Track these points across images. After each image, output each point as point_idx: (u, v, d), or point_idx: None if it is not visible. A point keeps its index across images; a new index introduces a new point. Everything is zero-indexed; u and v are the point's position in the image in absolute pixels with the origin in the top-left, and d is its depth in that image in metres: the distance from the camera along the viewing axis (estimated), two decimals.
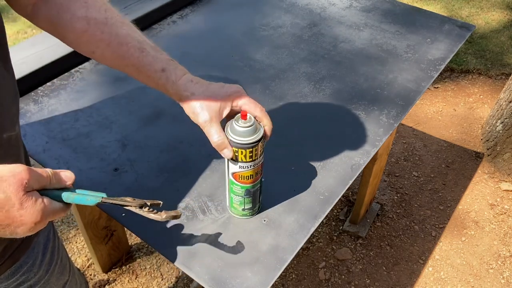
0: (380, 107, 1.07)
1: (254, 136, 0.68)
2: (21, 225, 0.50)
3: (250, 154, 0.70)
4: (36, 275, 0.79)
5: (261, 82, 1.13)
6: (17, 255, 0.73)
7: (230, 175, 0.74)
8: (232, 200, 0.79)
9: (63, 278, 0.89)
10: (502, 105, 2.13)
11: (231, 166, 0.73)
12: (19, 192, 0.49)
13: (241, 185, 0.75)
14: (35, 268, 0.78)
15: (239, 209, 0.80)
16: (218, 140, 0.68)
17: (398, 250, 1.81)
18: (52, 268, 0.83)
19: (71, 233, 1.83)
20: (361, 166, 0.92)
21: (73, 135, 0.97)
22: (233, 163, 0.72)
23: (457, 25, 1.36)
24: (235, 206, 0.80)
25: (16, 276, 0.74)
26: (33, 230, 0.52)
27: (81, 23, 0.69)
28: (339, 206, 1.97)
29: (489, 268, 1.75)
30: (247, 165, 0.71)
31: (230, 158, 0.70)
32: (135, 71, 0.71)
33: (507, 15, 3.22)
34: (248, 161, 0.71)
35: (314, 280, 1.70)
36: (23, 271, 0.75)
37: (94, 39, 0.70)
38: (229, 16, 1.37)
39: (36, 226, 0.51)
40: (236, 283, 0.72)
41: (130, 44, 0.70)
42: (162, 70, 0.69)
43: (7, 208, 0.49)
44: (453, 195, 2.02)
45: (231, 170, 0.73)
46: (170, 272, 1.70)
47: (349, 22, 1.36)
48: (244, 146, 0.69)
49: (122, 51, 0.70)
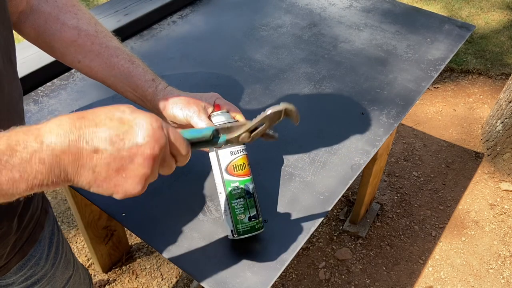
0: (380, 107, 1.07)
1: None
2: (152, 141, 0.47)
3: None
4: (42, 269, 0.80)
5: (261, 82, 1.13)
6: (26, 248, 0.74)
7: (224, 173, 0.74)
8: (235, 211, 0.74)
9: (67, 272, 0.90)
10: (502, 105, 2.13)
11: (223, 160, 0.74)
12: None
13: (239, 179, 0.74)
14: (42, 262, 0.79)
15: (245, 220, 0.74)
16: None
17: (398, 250, 1.81)
18: (58, 262, 0.85)
19: (71, 233, 1.83)
20: (361, 166, 0.92)
21: None
22: (224, 153, 0.74)
23: (457, 25, 1.36)
24: (239, 219, 0.74)
25: (24, 270, 0.76)
26: (152, 160, 0.48)
27: (71, 33, 0.72)
28: (339, 206, 1.97)
29: (489, 268, 1.75)
30: (236, 149, 0.74)
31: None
32: (122, 80, 0.75)
33: (507, 15, 3.21)
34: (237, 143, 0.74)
35: (314, 280, 1.70)
36: (31, 265, 0.77)
37: (83, 49, 0.73)
38: (229, 16, 1.37)
39: (160, 151, 0.48)
40: (236, 283, 0.72)
41: (120, 56, 0.74)
42: (152, 80, 0.76)
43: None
44: (453, 195, 2.02)
45: (224, 165, 0.74)
46: (170, 272, 1.70)
47: (349, 22, 1.36)
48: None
49: (112, 62, 0.74)
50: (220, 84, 1.12)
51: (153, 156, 0.47)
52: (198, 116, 0.72)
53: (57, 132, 0.43)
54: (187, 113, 0.73)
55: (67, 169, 0.44)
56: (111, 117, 0.46)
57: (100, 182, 0.46)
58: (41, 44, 0.73)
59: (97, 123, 0.45)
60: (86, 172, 0.45)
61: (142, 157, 0.46)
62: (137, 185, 0.48)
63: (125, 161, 0.46)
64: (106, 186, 0.47)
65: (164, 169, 0.52)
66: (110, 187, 0.47)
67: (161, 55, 1.20)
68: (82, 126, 0.44)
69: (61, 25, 0.71)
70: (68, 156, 0.43)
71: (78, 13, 0.73)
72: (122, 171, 0.46)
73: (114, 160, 0.45)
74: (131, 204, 0.84)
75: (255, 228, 0.74)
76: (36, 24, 0.71)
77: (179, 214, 0.83)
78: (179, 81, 1.12)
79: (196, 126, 0.73)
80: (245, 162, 0.75)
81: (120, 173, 0.46)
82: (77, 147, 0.44)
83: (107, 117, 0.46)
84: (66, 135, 0.43)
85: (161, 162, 0.50)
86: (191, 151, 0.55)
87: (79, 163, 0.44)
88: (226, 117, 0.75)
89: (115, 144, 0.45)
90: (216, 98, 0.78)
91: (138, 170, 0.47)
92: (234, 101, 1.08)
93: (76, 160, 0.44)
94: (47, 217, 0.81)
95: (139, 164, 0.47)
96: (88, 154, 0.44)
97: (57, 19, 0.71)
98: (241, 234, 0.74)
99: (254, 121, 0.59)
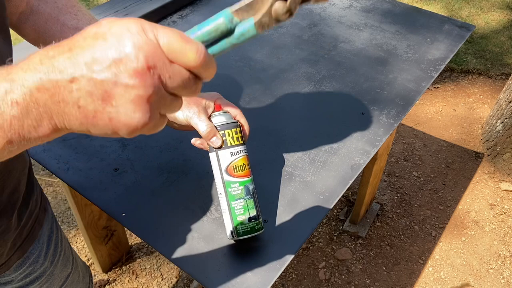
0: (380, 107, 1.07)
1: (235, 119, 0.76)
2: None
3: (236, 136, 0.74)
4: (41, 267, 0.81)
5: (261, 82, 1.13)
6: (26, 246, 0.75)
7: (224, 174, 0.74)
8: (234, 212, 0.73)
9: (66, 270, 0.90)
10: (502, 105, 2.13)
11: (223, 161, 0.74)
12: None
13: (239, 180, 0.74)
14: (41, 259, 0.80)
15: (245, 221, 0.73)
16: (207, 128, 0.72)
17: (398, 250, 1.81)
18: (56, 259, 0.85)
19: (71, 233, 1.83)
20: (361, 166, 0.92)
21: (73, 135, 0.97)
22: (224, 154, 0.73)
23: (457, 25, 1.36)
24: (239, 220, 0.74)
25: (23, 267, 0.76)
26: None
27: (71, 34, 0.71)
28: (339, 206, 1.97)
29: (489, 268, 1.75)
30: (237, 150, 0.74)
31: (219, 146, 0.73)
32: None
33: (507, 15, 3.21)
34: (237, 144, 0.74)
35: (314, 280, 1.70)
36: (30, 262, 0.77)
37: None
38: None
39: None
40: (236, 283, 0.72)
41: None
42: None
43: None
44: (453, 195, 2.02)
45: (224, 166, 0.74)
46: (170, 272, 1.70)
47: (349, 22, 1.36)
48: (230, 126, 0.74)
49: None
50: (220, 84, 1.12)
51: (140, 69, 0.36)
52: (198, 117, 0.72)
53: (27, 66, 0.36)
54: (187, 114, 0.73)
55: (51, 108, 0.37)
56: (86, 36, 0.37)
57: (92, 118, 0.37)
58: (41, 45, 0.73)
59: (70, 47, 0.37)
60: (72, 109, 0.37)
61: (126, 74, 0.36)
62: (134, 113, 0.37)
63: (108, 85, 0.36)
64: (102, 123, 0.38)
65: (178, 88, 0.38)
66: (106, 123, 0.38)
67: None
68: (56, 54, 0.37)
69: (61, 26, 0.71)
70: (43, 92, 0.36)
71: (78, 13, 0.73)
72: (109, 98, 0.36)
73: (95, 86, 0.36)
74: (131, 204, 0.84)
75: (255, 229, 0.74)
76: (36, 25, 0.70)
77: (179, 214, 0.83)
78: None
79: (196, 126, 0.73)
80: (245, 163, 0.75)
81: (107, 101, 0.36)
82: (50, 79, 0.36)
83: (82, 37, 0.37)
84: (36, 68, 0.36)
85: (166, 79, 0.37)
86: (211, 56, 0.39)
87: (59, 98, 0.36)
88: (226, 117, 0.75)
89: (91, 66, 0.36)
90: (217, 98, 0.77)
91: (128, 92, 0.36)
92: (234, 101, 1.08)
93: (53, 95, 0.36)
94: (46, 215, 0.81)
95: (126, 84, 0.36)
96: (65, 85, 0.36)
97: (57, 20, 0.71)
98: (241, 235, 0.74)
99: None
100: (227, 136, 0.73)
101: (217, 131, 0.73)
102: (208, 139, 0.73)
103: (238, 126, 0.76)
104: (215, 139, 0.73)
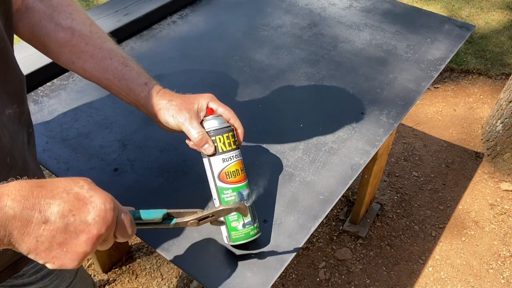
0: (380, 107, 1.07)
1: (228, 123, 0.74)
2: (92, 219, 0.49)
3: (228, 141, 0.72)
4: None
5: (261, 82, 1.13)
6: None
7: (217, 180, 0.73)
8: (228, 218, 0.73)
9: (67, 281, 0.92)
10: (502, 105, 2.13)
11: (215, 167, 0.72)
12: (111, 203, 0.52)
13: (232, 187, 0.72)
14: None
15: (239, 226, 0.73)
16: (199, 135, 0.71)
17: (398, 250, 1.81)
18: None
19: None
20: (361, 166, 0.92)
21: (73, 135, 0.97)
22: (216, 160, 0.72)
23: (457, 25, 1.36)
24: (233, 226, 0.73)
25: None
26: (94, 241, 0.50)
27: (65, 33, 0.71)
28: (339, 206, 1.97)
29: (489, 268, 1.75)
30: (229, 155, 0.72)
31: (212, 153, 0.72)
32: (116, 83, 0.74)
33: (507, 15, 3.22)
34: (229, 150, 0.72)
35: (314, 280, 1.70)
36: None
37: (77, 50, 0.72)
38: (229, 16, 1.37)
39: (105, 232, 0.50)
40: (236, 283, 0.72)
41: (114, 58, 0.74)
42: (145, 84, 0.74)
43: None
44: (453, 195, 2.02)
45: (216, 172, 0.72)
46: (170, 272, 1.70)
47: (349, 22, 1.36)
48: (222, 131, 0.72)
49: (106, 64, 0.73)
50: (220, 84, 1.12)
51: (97, 236, 0.49)
52: (190, 123, 0.71)
53: (14, 196, 0.44)
54: (178, 120, 0.72)
55: (13, 233, 0.45)
56: (69, 191, 0.48)
57: (40, 251, 0.47)
58: (35, 43, 0.73)
59: (54, 194, 0.47)
60: (30, 240, 0.46)
61: (87, 236, 0.48)
62: (74, 261, 0.49)
63: (70, 236, 0.47)
64: (45, 256, 0.47)
65: (102, 246, 0.53)
66: (48, 258, 0.48)
67: (161, 55, 1.20)
68: (40, 195, 0.46)
69: (55, 25, 0.70)
70: (17, 221, 0.44)
71: (73, 12, 0.72)
72: (64, 245, 0.47)
73: (60, 233, 0.47)
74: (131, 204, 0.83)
75: (250, 235, 0.73)
76: (30, 23, 0.70)
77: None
78: (179, 81, 1.12)
79: (187, 133, 0.72)
80: (238, 168, 0.73)
81: (62, 246, 0.47)
82: (28, 215, 0.45)
83: (65, 190, 0.48)
84: (21, 201, 0.44)
85: (102, 241, 0.52)
86: (136, 231, 0.57)
87: (25, 230, 0.45)
88: (219, 122, 0.73)
89: (65, 218, 0.46)
90: (210, 100, 0.75)
91: (81, 247, 0.48)
92: (233, 101, 1.08)
93: (23, 226, 0.45)
94: None
95: (83, 241, 0.48)
96: (37, 223, 0.45)
97: (51, 18, 0.70)
98: (235, 241, 0.73)
99: (205, 211, 0.62)
100: (218, 142, 0.71)
101: (209, 138, 0.71)
102: (200, 146, 0.71)
103: (231, 130, 0.74)
104: (207, 146, 0.71)
